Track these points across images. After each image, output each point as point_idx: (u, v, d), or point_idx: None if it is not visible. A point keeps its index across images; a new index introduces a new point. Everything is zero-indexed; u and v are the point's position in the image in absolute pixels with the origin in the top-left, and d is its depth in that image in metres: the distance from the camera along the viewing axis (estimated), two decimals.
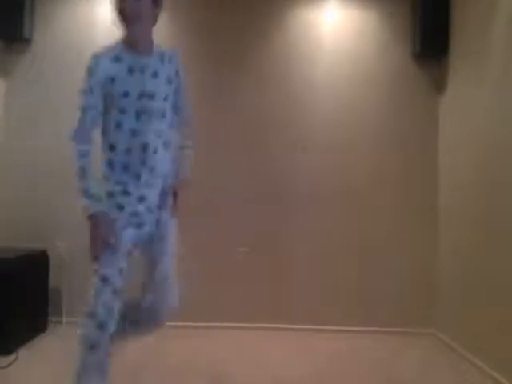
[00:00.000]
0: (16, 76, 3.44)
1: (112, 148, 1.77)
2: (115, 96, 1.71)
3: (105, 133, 1.79)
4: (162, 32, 3.48)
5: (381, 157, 3.48)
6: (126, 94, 1.71)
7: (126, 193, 1.77)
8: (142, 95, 1.73)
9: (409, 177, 3.49)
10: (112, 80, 1.71)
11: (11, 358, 2.65)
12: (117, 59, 1.72)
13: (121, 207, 1.77)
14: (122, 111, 1.72)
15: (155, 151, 1.77)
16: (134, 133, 1.74)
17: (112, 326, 1.67)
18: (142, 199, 1.78)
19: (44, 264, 3.21)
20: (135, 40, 1.75)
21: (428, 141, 3.50)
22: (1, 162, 3.42)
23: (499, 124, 2.66)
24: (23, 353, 2.75)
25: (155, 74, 1.77)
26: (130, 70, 1.73)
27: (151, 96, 1.74)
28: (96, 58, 1.71)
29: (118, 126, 1.74)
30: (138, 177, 1.76)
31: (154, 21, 1.78)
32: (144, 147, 1.74)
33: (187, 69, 3.69)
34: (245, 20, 3.48)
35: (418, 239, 3.46)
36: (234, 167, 3.46)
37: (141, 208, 1.78)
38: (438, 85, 3.47)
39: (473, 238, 2.91)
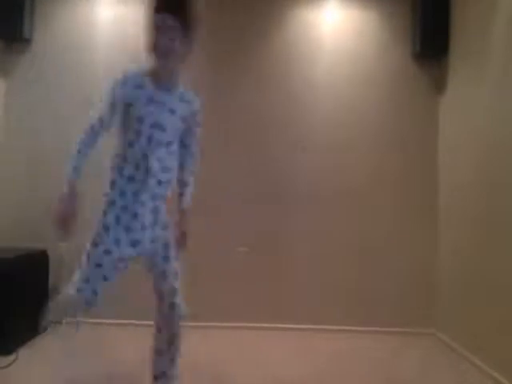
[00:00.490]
0: (16, 76, 3.44)
1: (125, 159, 1.89)
2: (132, 119, 1.84)
3: (121, 146, 1.91)
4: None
5: (381, 157, 3.48)
6: (140, 120, 1.84)
7: (124, 208, 1.89)
8: (155, 125, 1.85)
9: (409, 177, 3.49)
10: (131, 104, 1.84)
11: (11, 357, 2.65)
12: (140, 86, 1.84)
13: (118, 219, 1.88)
14: (136, 134, 1.85)
15: (156, 175, 1.89)
16: (142, 155, 1.86)
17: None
18: (135, 216, 1.89)
19: (44, 264, 3.21)
20: (162, 74, 1.87)
21: (428, 141, 3.50)
22: (1, 162, 3.42)
23: (499, 124, 2.66)
24: (23, 353, 2.75)
25: (172, 111, 1.89)
26: (150, 100, 1.85)
27: (163, 129, 1.87)
28: (122, 79, 1.84)
29: (131, 145, 1.87)
30: (137, 194, 1.89)
31: (183, 60, 1.90)
32: (148, 170, 1.87)
33: (189, 68, 3.68)
34: (245, 20, 3.48)
35: (418, 239, 3.46)
36: (234, 167, 3.46)
37: (135, 225, 1.89)
38: (438, 85, 3.47)
39: (473, 238, 2.91)
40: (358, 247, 3.46)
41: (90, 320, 3.35)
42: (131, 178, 1.88)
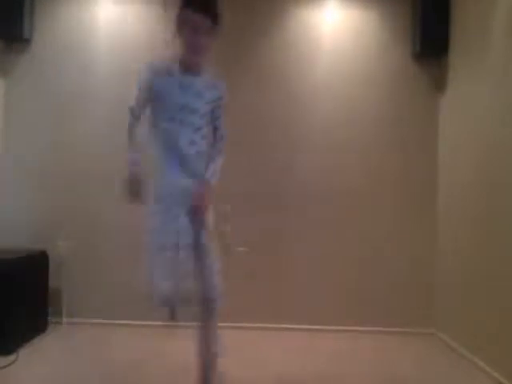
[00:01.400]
0: (16, 76, 3.44)
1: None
2: (163, 102, 1.98)
3: (153, 134, 2.05)
4: (163, 32, 3.48)
5: (381, 157, 3.48)
6: (172, 103, 1.97)
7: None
8: (184, 108, 1.97)
9: (409, 177, 3.49)
10: (160, 91, 1.97)
11: (11, 358, 2.65)
12: (170, 74, 1.99)
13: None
14: (169, 118, 1.98)
15: (187, 158, 2.00)
16: (171, 137, 1.98)
17: None
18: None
19: (44, 264, 3.21)
20: (191, 65, 2.00)
21: (428, 141, 3.50)
22: (0, 162, 3.42)
23: (499, 124, 2.66)
24: (23, 353, 2.75)
25: (199, 94, 2.00)
26: (179, 86, 1.98)
27: (193, 111, 1.99)
28: (149, 67, 1.99)
29: (160, 127, 2.00)
30: (172, 174, 2.00)
31: (209, 49, 2.03)
32: (179, 150, 1.98)
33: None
34: (245, 20, 3.48)
35: (417, 239, 3.46)
36: (234, 167, 3.45)
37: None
38: (438, 84, 3.47)
39: (473, 237, 2.91)
40: (358, 247, 3.46)
41: (90, 320, 3.36)
42: (166, 162, 2.00)
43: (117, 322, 3.33)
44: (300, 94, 3.49)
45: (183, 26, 1.92)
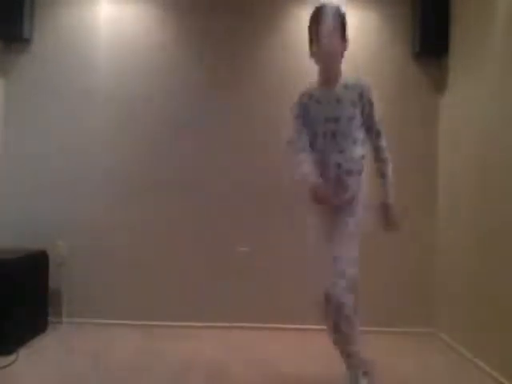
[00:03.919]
0: (15, 76, 3.44)
1: (315, 162, 2.17)
2: (309, 122, 2.18)
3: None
4: (162, 32, 3.49)
5: None
6: (315, 120, 2.15)
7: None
8: (327, 120, 2.12)
9: (409, 177, 3.48)
10: (307, 111, 2.19)
11: (11, 358, 2.65)
12: (311, 96, 2.20)
13: None
14: (314, 134, 2.17)
15: (339, 166, 2.12)
16: (322, 152, 2.15)
17: None
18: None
19: (44, 264, 3.21)
20: (327, 77, 2.18)
21: (428, 141, 3.50)
22: (0, 162, 3.42)
23: (499, 124, 2.66)
24: (23, 353, 2.76)
25: (338, 101, 2.12)
26: (318, 102, 2.17)
27: (336, 119, 2.11)
28: (299, 96, 2.25)
29: (312, 146, 2.18)
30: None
31: (342, 56, 2.18)
32: (328, 164, 2.13)
33: (187, 69, 3.70)
34: (245, 20, 3.48)
35: (417, 239, 3.46)
36: (234, 167, 3.46)
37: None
38: (438, 85, 3.47)
39: (473, 237, 2.91)
40: (358, 247, 3.45)
41: (90, 320, 3.36)
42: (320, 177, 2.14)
43: (117, 321, 3.33)
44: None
45: (314, 36, 2.10)
